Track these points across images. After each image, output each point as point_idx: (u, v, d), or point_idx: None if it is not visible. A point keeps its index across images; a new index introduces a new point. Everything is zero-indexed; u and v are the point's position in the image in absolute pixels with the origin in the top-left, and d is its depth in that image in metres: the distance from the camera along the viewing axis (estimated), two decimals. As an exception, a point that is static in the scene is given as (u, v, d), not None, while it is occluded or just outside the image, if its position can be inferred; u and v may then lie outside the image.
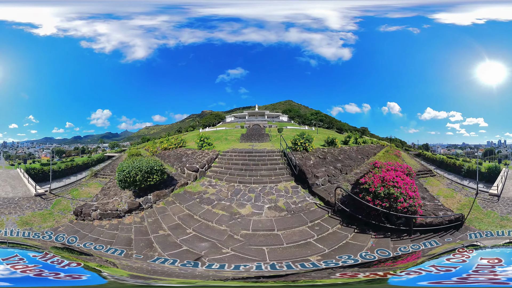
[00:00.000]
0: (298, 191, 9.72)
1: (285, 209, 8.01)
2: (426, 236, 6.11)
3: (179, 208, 8.45)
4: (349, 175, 11.63)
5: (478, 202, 9.69)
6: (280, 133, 25.02)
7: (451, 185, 13.51)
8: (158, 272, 5.17)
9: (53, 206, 10.06)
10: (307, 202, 8.58)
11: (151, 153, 18.03)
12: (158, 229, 7.02)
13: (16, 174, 15.82)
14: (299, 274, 5.24)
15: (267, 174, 11.35)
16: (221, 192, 9.80)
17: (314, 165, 11.70)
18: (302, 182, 10.47)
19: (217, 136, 23.14)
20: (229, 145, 18.25)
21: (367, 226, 6.55)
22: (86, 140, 44.44)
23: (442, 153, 33.95)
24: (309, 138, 13.89)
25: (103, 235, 7.17)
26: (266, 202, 8.60)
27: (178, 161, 13.71)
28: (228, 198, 9.13)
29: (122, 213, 8.20)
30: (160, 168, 9.29)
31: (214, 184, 10.76)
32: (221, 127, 38.53)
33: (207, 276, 5.02)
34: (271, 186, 10.11)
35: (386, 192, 6.25)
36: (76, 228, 7.86)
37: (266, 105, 64.77)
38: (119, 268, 4.92)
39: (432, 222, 6.40)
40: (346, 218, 7.04)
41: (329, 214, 7.48)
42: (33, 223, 8.20)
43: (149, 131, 63.93)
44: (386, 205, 6.19)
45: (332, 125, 43.08)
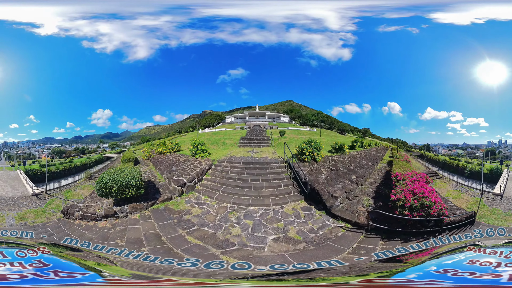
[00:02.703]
0: (312, 214, 8.17)
1: (301, 240, 6.52)
2: (453, 232, 7.12)
3: (151, 225, 7.90)
4: (364, 187, 10.67)
5: (484, 201, 10.63)
6: (282, 136, 23.74)
7: (457, 186, 14.27)
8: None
9: (47, 205, 11.14)
10: (329, 228, 7.26)
11: (145, 157, 17.48)
12: (118, 238, 7.27)
13: (15, 175, 16.34)
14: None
15: (270, 194, 9.48)
16: (208, 214, 8.36)
17: (328, 180, 10.21)
18: (315, 201, 8.86)
19: (214, 139, 21.96)
20: (227, 150, 17.17)
21: (406, 234, 6.97)
22: (87, 140, 44.35)
23: (443, 153, 33.84)
24: (317, 146, 12.51)
25: (75, 232, 8.13)
26: (269, 232, 6.91)
27: (168, 170, 12.67)
28: (214, 224, 7.68)
29: (99, 217, 8.77)
30: (136, 183, 8.93)
31: (201, 202, 9.42)
32: (221, 128, 38.41)
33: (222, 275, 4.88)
34: (275, 210, 8.38)
35: (420, 204, 6.94)
36: (60, 225, 8.85)
37: (266, 105, 64.59)
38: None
39: (454, 220, 7.45)
40: (383, 234, 6.85)
41: (363, 235, 6.80)
42: (28, 218, 9.51)
43: (150, 131, 63.89)
44: (422, 214, 6.94)
45: (333, 126, 42.91)
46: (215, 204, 9.15)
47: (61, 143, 40.48)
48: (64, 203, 11.02)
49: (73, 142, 41.93)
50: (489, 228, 6.90)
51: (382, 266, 5.70)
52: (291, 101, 74.83)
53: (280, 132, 25.41)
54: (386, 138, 39.24)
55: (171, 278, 4.75)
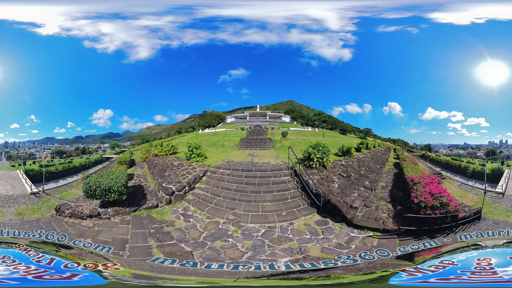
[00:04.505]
0: (331, 228, 7.27)
1: (335, 258, 5.61)
2: (465, 226, 8.00)
3: (126, 230, 7.79)
4: (378, 192, 10.33)
5: (487, 199, 11.52)
6: (284, 137, 22.87)
7: (461, 186, 15.19)
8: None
9: (43, 203, 11.97)
10: (359, 239, 6.66)
11: (142, 159, 17.18)
12: (91, 237, 7.58)
13: (16, 175, 16.91)
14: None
15: (275, 209, 8.13)
16: (192, 229, 7.39)
17: (342, 189, 9.58)
18: (330, 213, 8.13)
19: (213, 141, 21.02)
20: (225, 153, 16.25)
21: (430, 232, 7.60)
22: (88, 140, 44.33)
23: (444, 153, 33.74)
24: (325, 150, 11.49)
25: (61, 228, 8.82)
26: (279, 254, 5.65)
27: (160, 174, 12.14)
28: (196, 241, 6.53)
29: (85, 217, 9.28)
30: (118, 189, 9.08)
31: (189, 214, 8.59)
32: (221, 128, 38.26)
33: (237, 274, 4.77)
34: (283, 227, 7.10)
35: (439, 203, 7.73)
36: (51, 221, 9.56)
37: (267, 105, 64.52)
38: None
39: (465, 216, 8.30)
40: (411, 235, 7.22)
41: (398, 240, 6.82)
42: (25, 214, 10.51)
43: (151, 131, 63.89)
44: (443, 211, 7.73)
45: (335, 126, 42.77)
46: (205, 218, 8.19)
47: (62, 143, 40.48)
48: (59, 202, 11.56)
49: (74, 142, 41.93)
50: (494, 222, 8.18)
51: (392, 263, 5.68)
52: (292, 101, 74.82)
53: (282, 133, 24.60)
54: (388, 139, 39.16)
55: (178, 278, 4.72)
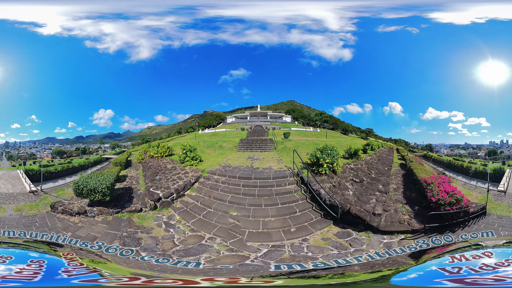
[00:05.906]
0: (357, 239, 6.68)
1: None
2: (476, 220, 9.00)
3: (103, 229, 8.16)
4: (391, 194, 10.09)
5: (490, 197, 12.36)
6: (287, 138, 21.85)
7: (465, 185, 15.98)
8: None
9: (40, 200, 12.77)
10: (395, 244, 6.62)
11: (138, 160, 16.96)
12: (71, 232, 8.21)
13: (16, 175, 17.57)
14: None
15: (280, 225, 6.95)
16: (167, 241, 6.62)
17: (358, 196, 9.15)
18: (350, 223, 7.66)
19: (211, 142, 20.14)
20: (222, 156, 15.60)
21: (450, 226, 8.33)
22: (89, 140, 44.34)
23: (445, 153, 33.65)
24: (335, 154, 10.74)
25: (52, 222, 9.48)
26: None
27: (151, 178, 11.87)
28: (164, 254, 5.63)
29: (74, 213, 9.87)
30: (102, 190, 9.36)
31: (172, 224, 7.88)
32: (221, 128, 38.17)
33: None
34: (294, 245, 5.92)
35: (455, 199, 8.49)
36: (45, 216, 10.28)
37: (268, 105, 64.31)
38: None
39: (474, 211, 9.14)
40: (436, 231, 7.88)
41: (428, 236, 7.58)
42: (23, 210, 11.20)
43: (151, 131, 63.87)
44: (458, 207, 8.47)
45: (336, 126, 42.58)
46: (188, 230, 7.25)
47: (62, 143, 40.48)
48: (55, 200, 12.35)
49: (74, 142, 41.93)
50: (498, 217, 9.53)
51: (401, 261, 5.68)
52: (292, 101, 74.75)
53: (284, 134, 23.27)
54: (389, 139, 39.02)
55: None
